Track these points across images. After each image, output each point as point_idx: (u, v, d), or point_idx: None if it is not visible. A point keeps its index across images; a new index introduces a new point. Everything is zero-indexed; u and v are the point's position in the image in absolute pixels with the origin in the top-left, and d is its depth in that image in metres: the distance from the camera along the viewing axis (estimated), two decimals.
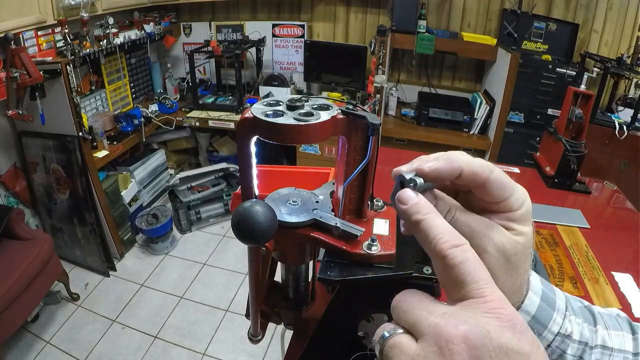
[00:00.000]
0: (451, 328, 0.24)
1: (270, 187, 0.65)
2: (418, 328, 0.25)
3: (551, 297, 0.38)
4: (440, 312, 0.25)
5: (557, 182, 1.65)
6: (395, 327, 0.27)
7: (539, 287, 0.38)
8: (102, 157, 2.48)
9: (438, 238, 0.27)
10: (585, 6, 2.68)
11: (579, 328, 0.39)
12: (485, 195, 0.32)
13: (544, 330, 0.38)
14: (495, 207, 0.33)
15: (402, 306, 0.28)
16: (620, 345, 0.41)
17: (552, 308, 0.38)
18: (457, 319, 0.24)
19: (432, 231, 0.28)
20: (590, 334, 0.40)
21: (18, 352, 2.07)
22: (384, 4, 2.96)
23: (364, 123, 0.55)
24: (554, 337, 0.38)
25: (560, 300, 0.39)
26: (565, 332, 0.38)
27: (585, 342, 0.40)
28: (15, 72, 1.90)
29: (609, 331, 0.41)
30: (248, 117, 0.53)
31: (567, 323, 0.39)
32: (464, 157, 0.31)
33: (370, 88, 2.76)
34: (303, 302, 0.74)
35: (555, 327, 0.38)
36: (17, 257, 1.99)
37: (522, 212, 0.34)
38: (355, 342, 0.72)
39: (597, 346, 0.40)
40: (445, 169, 0.31)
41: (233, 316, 2.33)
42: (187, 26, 3.33)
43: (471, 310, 0.25)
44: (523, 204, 0.34)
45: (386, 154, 1.99)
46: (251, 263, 0.58)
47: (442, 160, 0.31)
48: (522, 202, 0.34)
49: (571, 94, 1.61)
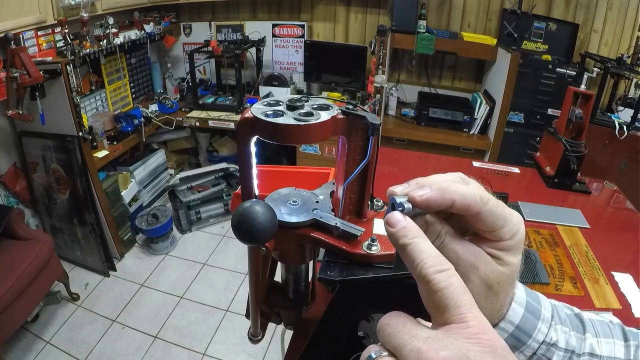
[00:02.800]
0: (432, 353, 0.24)
1: (270, 187, 0.65)
2: (401, 352, 0.26)
3: (536, 308, 0.39)
4: (423, 337, 0.26)
5: (557, 182, 1.65)
6: (381, 350, 0.28)
7: (523, 298, 0.38)
8: (102, 157, 2.48)
9: (423, 263, 0.28)
10: (585, 6, 2.68)
11: (565, 336, 0.40)
12: (477, 224, 0.33)
13: (529, 339, 0.38)
14: (487, 235, 0.33)
15: (387, 329, 0.29)
16: (609, 353, 0.41)
17: (537, 318, 0.38)
18: (439, 344, 0.25)
19: (417, 256, 0.28)
20: (577, 342, 0.40)
21: (18, 352, 2.07)
22: (384, 4, 2.96)
23: (364, 123, 0.55)
24: (539, 345, 0.39)
25: (546, 310, 0.39)
26: (550, 341, 0.39)
27: (572, 350, 0.40)
28: (15, 72, 1.90)
29: (599, 339, 0.42)
30: (248, 117, 0.53)
31: (553, 332, 0.39)
32: (458, 188, 0.31)
33: (370, 88, 2.76)
34: (303, 302, 0.74)
35: (540, 336, 0.38)
36: (17, 257, 1.99)
37: (512, 243, 0.34)
38: (355, 342, 0.72)
39: (584, 354, 0.40)
40: (437, 200, 0.31)
41: (233, 316, 2.33)
42: (187, 26, 3.33)
43: (453, 335, 0.25)
44: (515, 234, 0.34)
45: (386, 154, 1.99)
46: (251, 263, 0.58)
47: (435, 190, 0.31)
48: (515, 232, 0.34)
49: (571, 94, 1.61)
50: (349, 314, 0.71)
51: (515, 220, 0.34)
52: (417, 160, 2.04)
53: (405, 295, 0.66)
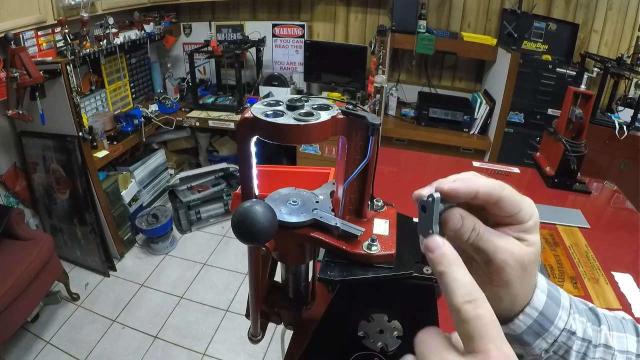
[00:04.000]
0: None
1: (270, 187, 0.65)
2: None
3: (556, 296, 0.40)
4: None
5: (557, 182, 1.65)
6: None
7: (545, 285, 0.40)
8: (102, 157, 2.48)
9: (455, 292, 0.29)
10: (585, 6, 2.68)
11: (583, 326, 0.41)
12: (498, 211, 0.35)
13: (551, 325, 0.39)
14: (508, 220, 0.36)
15: (420, 347, 0.32)
16: (621, 347, 0.42)
17: (558, 305, 0.40)
18: None
19: (451, 284, 0.29)
20: (594, 333, 0.42)
21: (18, 352, 2.07)
22: (384, 4, 2.96)
23: (364, 123, 0.55)
24: (560, 332, 0.40)
25: (565, 299, 0.41)
26: (570, 329, 0.40)
27: (589, 340, 0.41)
28: (15, 72, 1.90)
29: (612, 332, 0.43)
30: (248, 117, 0.53)
31: (572, 320, 0.40)
32: (479, 178, 0.34)
33: (370, 88, 2.76)
34: (303, 302, 0.74)
35: (560, 323, 0.40)
36: (17, 257, 1.99)
37: (531, 223, 0.36)
38: (355, 342, 0.72)
39: (600, 345, 0.42)
40: (464, 190, 0.33)
41: (233, 316, 2.33)
42: (187, 26, 3.33)
43: None
44: (532, 215, 0.36)
45: (386, 154, 1.99)
46: (251, 263, 0.58)
47: (460, 181, 0.34)
48: (531, 214, 0.36)
49: (571, 94, 1.61)
50: (349, 314, 0.71)
51: (529, 203, 0.37)
52: (417, 160, 2.04)
53: (406, 295, 0.66)
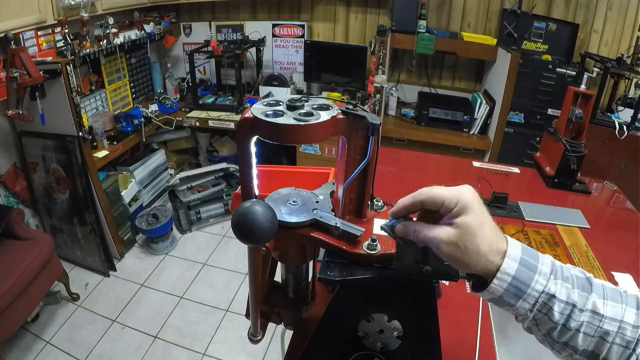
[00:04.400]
0: None
1: (270, 187, 0.65)
2: None
3: (531, 263, 0.47)
4: None
5: (557, 182, 1.65)
6: None
7: (518, 255, 0.47)
8: (102, 157, 2.48)
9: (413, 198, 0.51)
10: (585, 6, 2.68)
11: (567, 291, 0.47)
12: (431, 208, 0.50)
13: (528, 288, 0.46)
14: (442, 211, 0.49)
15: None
16: (615, 315, 0.46)
17: (533, 271, 0.47)
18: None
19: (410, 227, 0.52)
20: (579, 298, 0.47)
21: (18, 352, 2.07)
22: (384, 4, 2.96)
23: (364, 123, 0.55)
24: (539, 294, 0.46)
25: (544, 266, 0.47)
26: (549, 292, 0.46)
27: (573, 303, 0.46)
28: (15, 72, 1.90)
29: (606, 301, 0.47)
30: (248, 117, 0.53)
31: (552, 284, 0.46)
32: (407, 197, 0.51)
33: (370, 88, 2.76)
34: (303, 302, 0.74)
35: (538, 287, 0.46)
36: (17, 257, 1.99)
37: (457, 209, 0.47)
38: (355, 342, 0.72)
39: (587, 310, 0.46)
40: (399, 210, 0.53)
41: (233, 316, 2.33)
42: (187, 26, 3.33)
43: None
44: (457, 202, 0.47)
45: (386, 154, 1.99)
46: (251, 263, 0.58)
47: (396, 206, 0.53)
48: (456, 201, 0.47)
49: (571, 94, 1.61)
50: (349, 314, 0.71)
51: (452, 193, 0.48)
52: (417, 160, 2.03)
53: (405, 295, 0.66)
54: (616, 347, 0.46)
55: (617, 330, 0.46)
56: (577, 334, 0.47)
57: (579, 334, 0.47)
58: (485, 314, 1.01)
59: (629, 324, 0.46)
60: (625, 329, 0.46)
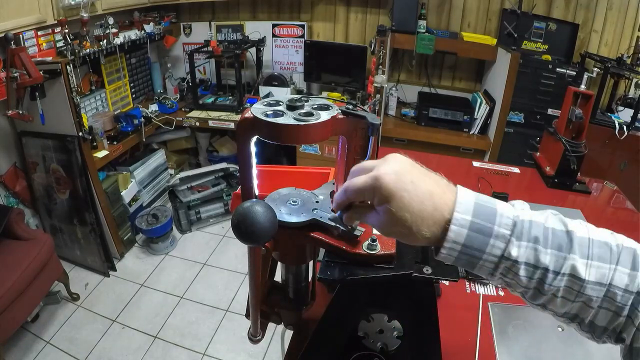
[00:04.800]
0: None
1: (270, 187, 0.65)
2: None
3: (485, 227, 0.42)
4: None
5: (557, 182, 1.65)
6: None
7: (467, 220, 0.42)
8: (102, 157, 2.48)
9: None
10: (585, 6, 2.68)
11: (535, 253, 0.41)
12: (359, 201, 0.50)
13: (482, 254, 0.42)
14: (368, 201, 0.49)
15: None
16: (600, 279, 0.41)
17: (488, 235, 0.41)
18: None
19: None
20: (554, 261, 0.41)
21: (18, 352, 2.07)
22: (384, 4, 2.96)
23: (364, 123, 0.55)
24: (497, 258, 0.42)
25: (503, 228, 0.42)
26: (509, 257, 0.41)
27: (544, 267, 0.41)
28: (15, 72, 1.90)
29: (590, 261, 0.41)
30: (248, 117, 0.53)
31: (513, 248, 0.41)
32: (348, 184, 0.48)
33: (370, 88, 2.76)
34: (303, 302, 0.74)
35: (496, 251, 0.42)
36: (17, 257, 1.99)
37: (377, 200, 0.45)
38: (355, 342, 0.72)
39: (564, 274, 0.41)
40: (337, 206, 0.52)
41: (233, 316, 2.33)
42: (187, 26, 3.33)
43: None
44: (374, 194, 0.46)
45: (386, 154, 1.98)
46: (251, 263, 0.58)
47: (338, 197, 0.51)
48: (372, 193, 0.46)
49: (571, 94, 1.61)
50: (349, 314, 0.71)
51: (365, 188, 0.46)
52: (417, 160, 2.03)
53: (406, 295, 0.66)
54: (604, 312, 0.41)
55: (603, 296, 0.41)
56: (554, 299, 0.42)
57: (556, 298, 0.42)
58: (485, 314, 1.01)
59: (618, 287, 0.40)
60: (614, 294, 0.40)
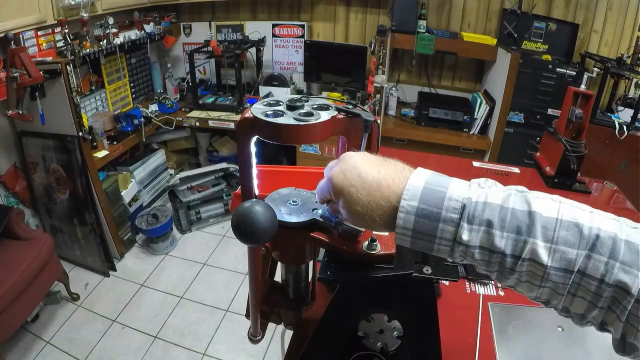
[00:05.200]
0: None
1: (270, 187, 0.65)
2: None
3: (433, 212, 0.41)
4: None
5: (557, 182, 1.65)
6: None
7: (413, 206, 0.42)
8: (102, 157, 2.48)
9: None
10: (585, 6, 2.68)
11: (489, 237, 0.39)
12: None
13: (434, 238, 0.42)
14: None
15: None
16: (566, 265, 0.37)
17: (436, 220, 0.41)
18: None
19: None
20: (511, 245, 0.39)
21: (18, 352, 2.07)
22: (384, 4, 2.96)
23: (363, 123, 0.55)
24: (451, 242, 0.42)
25: (452, 213, 0.41)
26: (461, 241, 0.41)
27: (501, 252, 0.39)
28: (15, 72, 1.90)
29: (554, 246, 0.38)
30: (248, 117, 0.53)
31: (464, 232, 0.40)
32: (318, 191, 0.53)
33: (370, 88, 2.76)
34: (303, 302, 0.74)
35: (447, 235, 0.41)
36: (17, 257, 1.99)
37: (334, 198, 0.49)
38: (355, 342, 0.72)
39: (525, 260, 0.38)
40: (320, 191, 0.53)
41: (233, 316, 2.33)
42: (187, 26, 3.33)
43: None
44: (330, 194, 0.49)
45: (386, 154, 1.98)
46: (251, 263, 0.58)
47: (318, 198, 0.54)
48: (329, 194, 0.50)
49: (571, 94, 1.61)
50: (349, 314, 0.70)
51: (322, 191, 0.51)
52: (417, 160, 2.02)
53: (405, 295, 0.66)
54: (579, 300, 0.38)
55: (572, 283, 0.38)
56: (518, 283, 0.41)
57: (520, 282, 0.40)
58: (485, 314, 1.01)
59: (593, 277, 0.37)
60: (588, 283, 0.37)
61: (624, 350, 0.39)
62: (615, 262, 0.36)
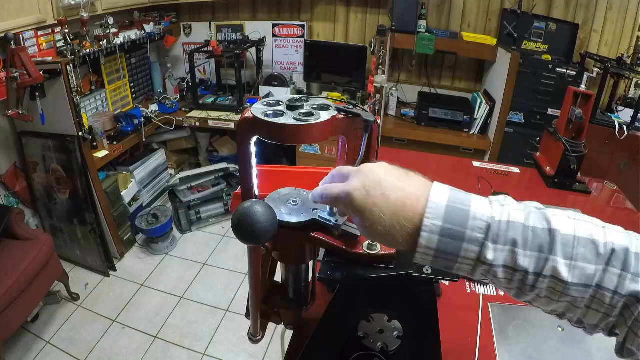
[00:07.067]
0: None
1: (270, 187, 0.65)
2: None
3: (458, 231, 0.40)
4: None
5: (557, 182, 1.65)
6: None
7: (437, 226, 0.41)
8: (102, 157, 2.48)
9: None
10: (585, 6, 2.68)
11: (512, 256, 0.40)
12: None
13: (457, 257, 0.41)
14: None
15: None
16: (586, 280, 0.39)
17: (460, 240, 0.40)
18: None
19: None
20: (533, 263, 0.40)
21: (18, 352, 2.07)
22: (384, 4, 2.96)
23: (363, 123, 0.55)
24: (474, 262, 0.41)
25: (476, 232, 0.40)
26: (485, 260, 0.40)
27: (524, 270, 0.40)
28: (15, 72, 1.90)
29: (574, 262, 0.39)
30: (248, 117, 0.53)
31: (489, 252, 0.40)
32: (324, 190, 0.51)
33: (370, 88, 2.76)
34: (303, 302, 0.74)
35: (471, 254, 0.41)
36: (17, 257, 1.99)
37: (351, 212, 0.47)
38: (355, 342, 0.72)
39: (546, 277, 0.39)
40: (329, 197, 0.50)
41: (233, 316, 2.33)
42: (187, 26, 3.33)
43: None
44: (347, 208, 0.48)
45: (386, 154, 1.99)
46: (251, 263, 0.58)
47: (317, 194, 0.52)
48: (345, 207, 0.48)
49: (571, 94, 1.61)
50: (349, 314, 0.71)
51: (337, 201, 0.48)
52: (417, 160, 2.03)
53: (406, 295, 0.66)
54: (593, 313, 0.40)
55: (589, 297, 0.39)
56: (537, 298, 0.41)
57: (539, 298, 0.41)
58: (485, 313, 1.01)
59: (607, 289, 0.38)
60: (603, 295, 0.38)
61: (622, 354, 0.41)
62: (627, 273, 0.38)
